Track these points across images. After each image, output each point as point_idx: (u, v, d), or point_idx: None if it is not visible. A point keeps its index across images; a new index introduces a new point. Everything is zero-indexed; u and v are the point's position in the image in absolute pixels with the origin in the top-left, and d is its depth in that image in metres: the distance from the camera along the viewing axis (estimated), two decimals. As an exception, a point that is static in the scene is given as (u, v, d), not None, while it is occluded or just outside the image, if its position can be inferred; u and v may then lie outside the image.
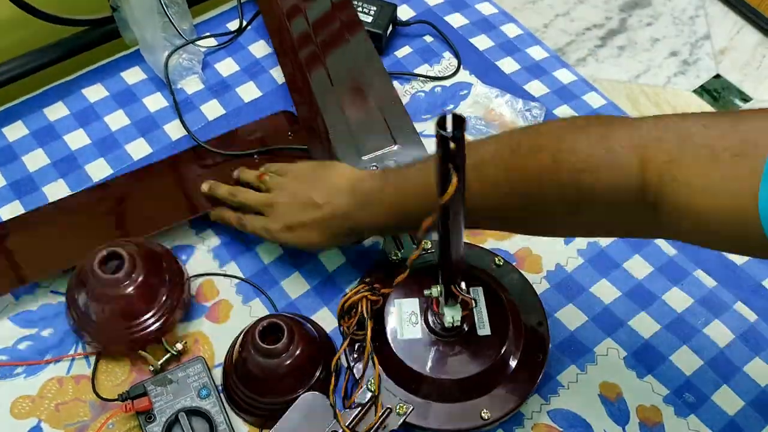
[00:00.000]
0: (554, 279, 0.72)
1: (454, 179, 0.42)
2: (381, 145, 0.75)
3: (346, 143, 0.75)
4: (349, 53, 0.82)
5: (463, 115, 0.40)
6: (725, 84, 1.10)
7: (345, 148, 0.74)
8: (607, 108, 0.87)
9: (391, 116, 0.77)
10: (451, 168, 0.42)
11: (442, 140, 0.40)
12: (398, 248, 0.69)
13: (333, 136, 0.75)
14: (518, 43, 0.93)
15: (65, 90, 0.84)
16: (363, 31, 0.84)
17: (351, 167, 0.67)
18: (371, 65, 0.81)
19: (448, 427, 0.59)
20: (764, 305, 0.71)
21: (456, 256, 0.52)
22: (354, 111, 0.77)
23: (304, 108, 0.80)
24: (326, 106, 0.77)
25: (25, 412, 0.62)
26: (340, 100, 0.78)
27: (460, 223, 0.49)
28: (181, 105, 0.83)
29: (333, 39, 0.83)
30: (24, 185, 0.76)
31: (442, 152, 0.41)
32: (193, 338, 0.67)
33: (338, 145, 0.74)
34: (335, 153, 0.73)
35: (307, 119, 0.79)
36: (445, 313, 0.58)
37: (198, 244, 0.73)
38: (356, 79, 0.80)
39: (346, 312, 0.62)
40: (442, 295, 0.57)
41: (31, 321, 0.67)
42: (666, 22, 1.18)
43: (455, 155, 0.41)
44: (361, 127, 0.76)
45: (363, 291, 0.61)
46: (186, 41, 0.84)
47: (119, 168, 0.78)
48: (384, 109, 0.77)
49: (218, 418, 0.60)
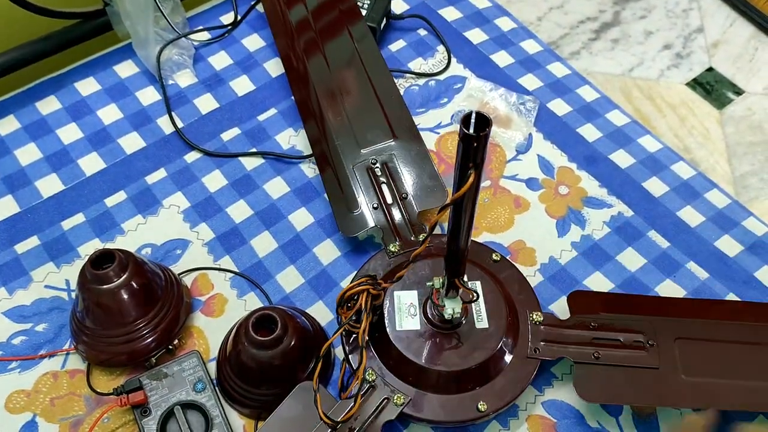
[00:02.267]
0: (548, 271, 0.72)
1: (471, 177, 0.42)
2: (380, 138, 0.75)
3: (346, 136, 0.75)
4: (348, 44, 0.82)
5: (489, 116, 0.40)
6: (718, 77, 1.10)
7: (345, 141, 0.74)
8: (600, 102, 0.87)
9: (390, 110, 0.77)
10: (471, 167, 0.42)
11: (465, 138, 0.41)
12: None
13: (332, 128, 0.75)
14: (512, 37, 0.93)
15: (57, 84, 0.83)
16: (362, 21, 0.83)
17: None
18: (371, 58, 0.81)
19: (445, 418, 0.60)
20: (755, 296, 0.72)
21: (462, 250, 0.52)
22: (353, 104, 0.77)
23: (305, 101, 0.79)
24: (325, 98, 0.77)
25: (20, 406, 0.62)
26: (340, 93, 0.78)
27: (471, 220, 0.49)
28: (174, 99, 0.83)
29: (332, 29, 0.83)
30: (16, 179, 0.76)
31: (464, 150, 0.42)
32: (189, 332, 0.67)
33: (338, 137, 0.74)
34: (335, 145, 0.73)
35: (308, 113, 0.79)
36: (446, 305, 0.59)
37: (193, 238, 0.73)
38: (356, 71, 0.80)
39: (346, 302, 0.62)
40: (443, 287, 0.57)
41: (25, 316, 0.67)
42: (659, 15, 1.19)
43: (476, 154, 0.41)
44: (360, 120, 0.76)
45: (365, 284, 0.61)
46: (178, 35, 0.84)
47: (112, 162, 0.78)
48: (383, 103, 0.77)
49: (213, 412, 0.60)
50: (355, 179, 0.72)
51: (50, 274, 0.70)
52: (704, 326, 0.63)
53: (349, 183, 0.72)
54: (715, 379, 0.61)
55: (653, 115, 1.04)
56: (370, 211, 0.71)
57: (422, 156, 0.75)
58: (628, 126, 0.85)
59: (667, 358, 0.62)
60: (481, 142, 0.41)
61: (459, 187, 0.44)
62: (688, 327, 0.47)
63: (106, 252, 0.61)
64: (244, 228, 0.74)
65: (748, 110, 1.06)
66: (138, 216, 0.74)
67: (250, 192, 0.76)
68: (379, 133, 0.75)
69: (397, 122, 0.76)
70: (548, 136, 0.83)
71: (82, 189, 0.76)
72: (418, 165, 0.74)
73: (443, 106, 0.85)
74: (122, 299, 0.61)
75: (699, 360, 0.62)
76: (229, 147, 0.80)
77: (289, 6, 0.85)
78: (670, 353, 0.62)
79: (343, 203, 0.71)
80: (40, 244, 0.71)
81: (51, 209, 0.74)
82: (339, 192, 0.72)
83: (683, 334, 0.62)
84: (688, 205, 0.78)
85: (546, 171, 0.80)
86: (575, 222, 0.76)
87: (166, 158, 0.78)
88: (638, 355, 0.61)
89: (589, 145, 0.83)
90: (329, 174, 0.73)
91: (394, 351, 0.61)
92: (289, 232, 0.73)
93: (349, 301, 0.61)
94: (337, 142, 0.74)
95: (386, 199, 0.71)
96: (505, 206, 0.77)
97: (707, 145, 1.02)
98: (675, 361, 0.62)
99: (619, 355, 0.61)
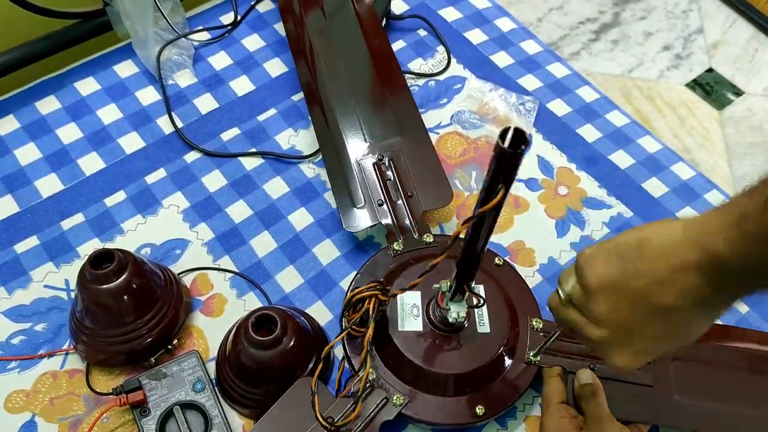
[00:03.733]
0: (547, 272, 0.72)
1: (500, 194, 0.42)
2: (388, 134, 0.74)
3: (354, 129, 0.75)
4: (359, 39, 0.81)
5: (528, 133, 0.39)
6: (718, 78, 1.10)
7: (352, 134, 0.74)
8: (600, 102, 0.87)
9: (399, 106, 0.77)
10: (501, 182, 0.42)
11: (500, 153, 0.40)
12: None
13: (340, 120, 0.75)
14: (512, 37, 0.93)
15: (57, 83, 0.83)
16: (376, 18, 0.83)
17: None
18: (382, 54, 0.81)
19: (442, 420, 0.60)
20: (757, 298, 0.71)
21: (478, 258, 0.52)
22: (362, 98, 0.77)
23: (312, 91, 0.79)
24: (334, 88, 0.77)
25: (19, 406, 0.62)
26: (350, 86, 0.77)
27: (491, 231, 0.49)
28: (174, 99, 0.83)
29: (344, 21, 0.83)
30: (16, 179, 0.76)
31: (497, 165, 0.41)
32: (188, 332, 0.67)
33: (345, 130, 0.74)
34: (342, 138, 0.73)
35: (314, 102, 0.78)
36: (451, 309, 0.58)
37: (192, 238, 0.73)
38: (366, 65, 0.79)
39: (352, 305, 0.61)
40: (450, 290, 0.57)
41: (24, 316, 0.67)
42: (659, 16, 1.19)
43: (510, 170, 0.41)
44: (368, 114, 0.76)
45: (374, 289, 0.60)
46: (178, 35, 0.84)
47: (112, 162, 0.78)
48: (393, 99, 0.77)
49: (213, 412, 0.60)
50: (361, 174, 0.72)
51: (49, 273, 0.70)
52: (702, 349, 0.63)
53: (354, 177, 0.72)
54: (708, 402, 0.61)
55: (653, 116, 1.04)
56: (374, 207, 0.70)
57: (429, 155, 0.74)
58: (627, 126, 0.85)
59: (662, 376, 0.62)
60: (515, 160, 0.40)
61: (485, 200, 0.43)
62: (686, 348, 0.47)
63: (106, 252, 0.61)
64: (243, 228, 0.74)
65: (748, 111, 1.06)
66: (137, 216, 0.74)
67: (250, 192, 0.76)
68: (387, 129, 0.75)
69: (405, 119, 0.76)
70: (548, 136, 0.83)
71: (82, 189, 0.76)
72: (425, 164, 0.73)
73: (443, 107, 0.85)
74: (121, 299, 0.61)
75: (694, 381, 0.62)
76: (229, 147, 0.80)
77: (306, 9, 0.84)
78: (665, 372, 0.62)
79: (348, 197, 0.71)
80: (39, 243, 0.71)
81: (50, 209, 0.74)
82: (344, 186, 0.72)
83: (680, 355, 0.62)
84: (687, 206, 0.78)
85: (545, 171, 0.80)
86: (575, 222, 0.76)
87: (165, 158, 0.78)
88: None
89: (588, 146, 0.83)
90: (335, 166, 0.73)
91: (395, 351, 0.61)
92: (288, 232, 0.73)
93: (357, 304, 0.61)
94: (344, 133, 0.74)
95: (391, 195, 0.71)
96: (504, 207, 0.77)
97: (707, 145, 1.02)
98: (669, 380, 0.62)
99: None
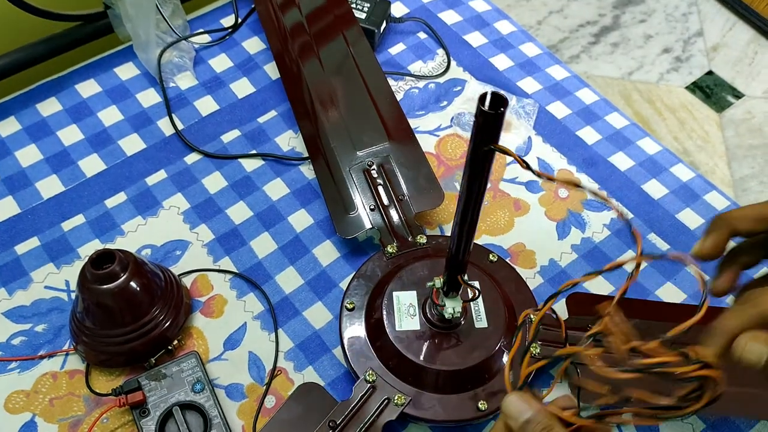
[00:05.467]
0: (548, 274, 0.72)
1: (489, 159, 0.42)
2: (375, 140, 0.75)
3: (342, 138, 0.75)
4: (342, 48, 0.82)
5: (506, 96, 0.39)
6: (718, 80, 1.10)
7: (340, 143, 0.75)
8: (599, 104, 0.87)
9: (385, 112, 0.77)
10: (488, 148, 0.41)
11: (482, 115, 0.39)
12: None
13: (328, 130, 0.75)
14: (512, 40, 0.93)
15: (58, 85, 0.84)
16: (357, 25, 0.84)
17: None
18: (365, 61, 0.81)
19: (446, 417, 0.60)
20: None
21: (466, 246, 0.52)
22: (348, 106, 0.77)
23: (299, 104, 0.80)
24: (321, 100, 0.78)
25: (20, 407, 0.62)
26: (335, 96, 0.78)
27: (477, 217, 0.48)
28: (175, 101, 0.83)
29: (326, 33, 0.84)
30: (17, 181, 0.76)
31: (480, 128, 0.40)
32: (188, 333, 0.67)
33: (333, 139, 0.75)
34: (331, 147, 0.73)
35: (303, 115, 0.79)
36: (446, 305, 0.59)
37: (192, 239, 0.73)
38: (351, 74, 0.80)
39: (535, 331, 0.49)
40: (444, 287, 0.58)
41: (24, 316, 0.67)
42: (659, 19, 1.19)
43: (493, 132, 0.40)
44: (355, 122, 0.76)
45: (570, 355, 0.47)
46: (178, 38, 0.84)
47: (112, 163, 0.78)
48: (379, 105, 0.78)
49: (212, 412, 0.60)
50: (352, 181, 0.73)
51: (50, 274, 0.70)
52: (704, 332, 0.63)
53: (345, 185, 0.72)
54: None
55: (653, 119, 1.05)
56: (367, 212, 0.71)
57: (418, 158, 0.75)
58: (627, 128, 0.85)
59: None
60: (497, 121, 0.40)
61: (472, 166, 0.43)
62: (687, 332, 0.47)
63: (106, 252, 0.61)
64: (243, 229, 0.74)
65: (747, 113, 1.06)
66: (138, 217, 0.74)
67: (250, 193, 0.76)
68: (374, 135, 0.75)
69: (392, 124, 0.76)
70: (548, 138, 0.84)
71: (83, 190, 0.76)
72: (414, 167, 0.74)
73: (443, 109, 0.85)
74: (122, 300, 0.61)
75: None
76: (229, 149, 0.80)
77: (283, 10, 0.85)
78: None
79: (341, 205, 0.71)
80: (40, 245, 0.72)
81: (51, 210, 0.74)
82: (336, 194, 0.72)
83: (682, 340, 0.62)
84: (687, 208, 0.79)
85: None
86: (575, 225, 0.76)
87: (166, 160, 0.78)
88: None
89: (588, 148, 0.83)
90: (326, 176, 0.73)
91: (394, 351, 0.61)
92: (288, 234, 0.74)
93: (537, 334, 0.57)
94: (333, 144, 0.75)
95: (383, 200, 0.71)
96: (504, 209, 0.77)
97: (707, 148, 1.02)
98: None
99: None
